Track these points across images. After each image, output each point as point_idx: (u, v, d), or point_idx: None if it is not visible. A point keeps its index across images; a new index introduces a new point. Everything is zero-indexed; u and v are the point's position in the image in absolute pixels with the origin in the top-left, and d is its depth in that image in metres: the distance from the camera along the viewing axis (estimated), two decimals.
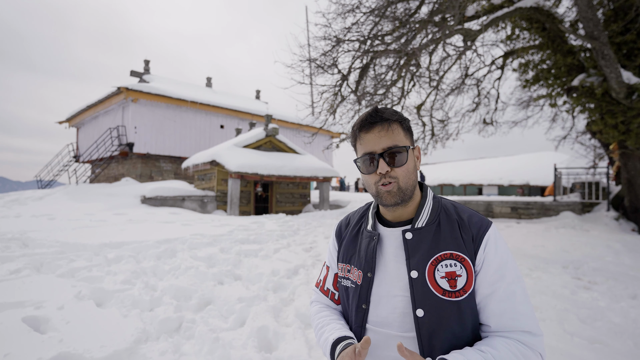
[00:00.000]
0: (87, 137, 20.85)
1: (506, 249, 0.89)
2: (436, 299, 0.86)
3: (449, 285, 0.86)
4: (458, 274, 0.87)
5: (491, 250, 0.88)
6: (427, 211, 0.96)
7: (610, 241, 6.35)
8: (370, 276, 0.96)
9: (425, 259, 0.89)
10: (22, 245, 5.03)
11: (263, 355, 2.50)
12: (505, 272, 0.86)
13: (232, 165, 12.22)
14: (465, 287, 0.86)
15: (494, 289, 0.85)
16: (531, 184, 21.29)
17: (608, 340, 2.91)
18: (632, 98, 6.42)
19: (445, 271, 0.87)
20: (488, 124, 10.15)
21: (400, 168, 0.91)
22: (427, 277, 0.88)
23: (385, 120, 0.92)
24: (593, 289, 4.17)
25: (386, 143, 0.91)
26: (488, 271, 0.86)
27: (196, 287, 3.70)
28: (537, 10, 6.75)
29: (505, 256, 0.88)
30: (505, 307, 0.84)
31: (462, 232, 0.91)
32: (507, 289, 0.85)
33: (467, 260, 0.87)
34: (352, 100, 7.96)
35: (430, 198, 1.00)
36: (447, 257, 0.88)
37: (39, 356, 2.18)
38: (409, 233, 0.93)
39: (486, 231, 0.89)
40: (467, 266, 0.87)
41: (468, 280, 0.86)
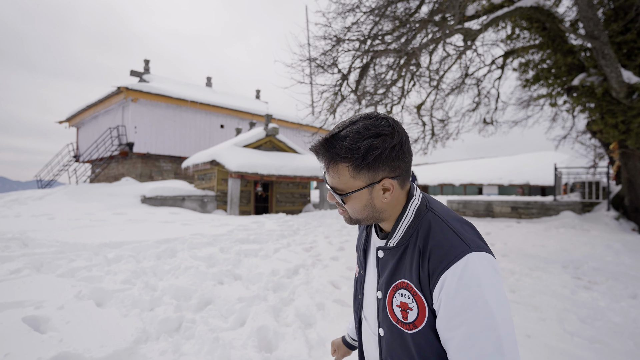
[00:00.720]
0: (87, 137, 20.85)
1: (481, 291, 0.70)
2: (392, 324, 0.84)
3: (401, 316, 0.81)
4: (410, 307, 0.80)
5: (450, 292, 0.72)
6: (402, 230, 0.85)
7: (610, 241, 6.35)
8: (362, 273, 1.01)
9: (388, 283, 0.86)
10: (22, 245, 5.03)
11: (263, 355, 2.50)
12: (466, 319, 0.69)
13: (232, 165, 12.22)
14: (415, 322, 0.79)
15: (452, 336, 0.72)
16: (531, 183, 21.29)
17: (608, 340, 2.91)
18: (632, 97, 6.42)
19: (400, 300, 0.82)
20: (488, 123, 10.15)
21: (347, 204, 0.84)
22: (387, 301, 0.86)
23: (329, 158, 0.81)
24: (593, 288, 4.17)
25: (331, 180, 0.83)
26: (444, 316, 0.73)
27: (196, 287, 3.69)
28: (537, 10, 6.75)
29: (473, 300, 0.69)
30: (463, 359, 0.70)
31: (422, 265, 0.78)
32: (466, 339, 0.69)
33: (419, 295, 0.78)
34: (352, 100, 7.96)
35: (411, 214, 0.85)
36: (403, 287, 0.82)
37: (39, 356, 2.18)
38: (381, 251, 0.90)
39: (446, 268, 0.73)
40: (418, 301, 0.78)
41: (419, 317, 0.78)
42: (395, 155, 0.79)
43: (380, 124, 0.79)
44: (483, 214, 10.55)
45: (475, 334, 0.69)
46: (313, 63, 7.28)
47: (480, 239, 0.79)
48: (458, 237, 0.76)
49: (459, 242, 0.75)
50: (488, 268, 0.72)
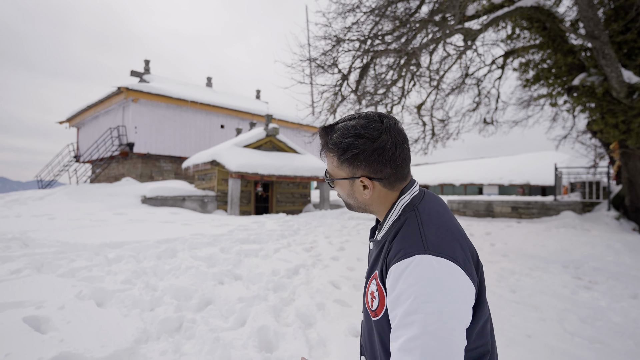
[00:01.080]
0: (88, 137, 20.87)
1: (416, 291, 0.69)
2: (366, 311, 0.92)
3: (370, 303, 0.87)
4: (374, 295, 0.85)
5: (392, 284, 0.75)
6: (387, 225, 0.89)
7: (610, 241, 6.35)
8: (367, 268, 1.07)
9: (369, 273, 0.93)
10: (23, 245, 5.04)
11: (263, 355, 2.50)
12: (397, 314, 0.71)
13: (233, 165, 12.22)
14: (376, 311, 0.84)
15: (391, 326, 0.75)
16: (532, 183, 21.28)
17: (608, 340, 2.91)
18: (632, 97, 6.41)
19: (371, 289, 0.88)
20: (488, 123, 10.14)
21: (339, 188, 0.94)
22: (366, 289, 0.93)
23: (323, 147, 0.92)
24: (593, 288, 4.16)
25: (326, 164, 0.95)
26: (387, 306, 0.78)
27: (196, 287, 3.70)
28: (538, 10, 6.75)
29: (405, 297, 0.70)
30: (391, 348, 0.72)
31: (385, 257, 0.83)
32: (394, 331, 0.72)
33: (380, 286, 0.83)
34: (353, 100, 7.96)
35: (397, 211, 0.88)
36: (374, 277, 0.87)
37: (39, 356, 2.18)
38: (371, 244, 0.98)
39: (394, 263, 0.76)
40: (379, 291, 0.83)
41: (379, 305, 0.83)
42: (375, 159, 0.84)
43: (369, 126, 0.84)
44: (483, 214, 10.54)
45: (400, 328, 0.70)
46: (313, 63, 7.28)
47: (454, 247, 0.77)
48: (420, 238, 0.77)
49: (417, 243, 0.76)
50: (435, 271, 0.71)
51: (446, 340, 0.67)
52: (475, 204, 10.76)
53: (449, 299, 0.70)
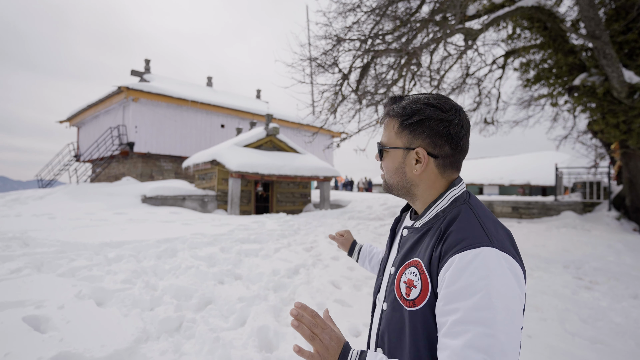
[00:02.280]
0: (88, 137, 20.87)
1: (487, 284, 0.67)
2: (395, 299, 0.85)
3: (405, 292, 0.82)
4: (414, 284, 0.80)
5: (454, 274, 0.70)
6: (433, 214, 0.86)
7: (611, 241, 6.34)
8: (386, 254, 1.03)
9: (402, 260, 0.88)
10: (23, 244, 5.03)
11: (264, 354, 2.49)
12: (462, 307, 0.67)
13: (233, 165, 12.22)
14: (415, 301, 0.79)
15: (445, 320, 0.70)
16: (532, 183, 21.27)
17: (609, 340, 2.91)
18: (633, 97, 6.40)
19: (408, 277, 0.83)
20: (489, 123, 10.13)
21: (383, 163, 0.93)
22: (397, 276, 0.87)
23: (387, 114, 0.91)
24: (594, 288, 4.16)
25: (381, 138, 0.93)
26: (442, 298, 0.72)
27: (197, 287, 3.69)
28: (539, 10, 6.73)
29: (474, 290, 0.67)
30: (449, 345, 0.67)
31: (437, 245, 0.79)
32: (456, 326, 0.67)
33: (425, 275, 0.78)
34: (353, 100, 7.95)
35: (446, 201, 0.85)
36: (413, 265, 0.83)
37: (39, 355, 2.18)
38: (406, 230, 0.94)
39: (458, 252, 0.72)
40: (423, 280, 0.78)
41: (420, 295, 0.78)
42: (440, 131, 0.82)
43: (443, 99, 0.85)
44: None
45: (468, 324, 0.66)
46: (314, 63, 7.27)
47: (512, 245, 0.77)
48: (484, 231, 0.75)
49: (481, 234, 0.74)
50: (505, 268, 0.69)
51: (516, 340, 0.66)
52: None
53: (517, 297, 0.69)
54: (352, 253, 1.44)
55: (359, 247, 1.44)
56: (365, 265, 1.41)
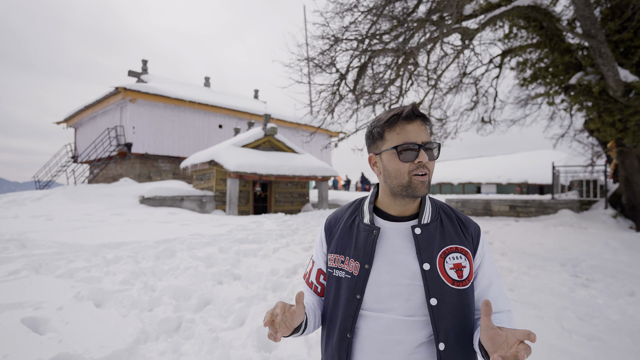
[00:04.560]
0: (85, 138, 20.80)
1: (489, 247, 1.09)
2: (447, 288, 0.96)
3: (457, 276, 0.97)
4: (463, 265, 0.99)
5: (486, 248, 1.06)
6: (429, 209, 1.06)
7: (608, 239, 6.38)
8: (367, 268, 1.00)
9: (435, 252, 0.99)
10: (21, 246, 5.02)
11: (262, 354, 2.50)
12: (494, 268, 1.05)
13: (231, 165, 12.21)
14: (468, 277, 0.98)
15: (491, 281, 1.02)
16: (529, 182, 21.33)
17: (606, 337, 2.93)
18: (629, 96, 6.44)
19: (453, 263, 0.98)
20: (486, 122, 10.16)
21: (432, 162, 1.01)
22: (438, 268, 0.97)
23: (424, 118, 1.01)
24: (591, 286, 4.18)
25: (426, 137, 1.00)
26: (485, 266, 1.03)
27: (195, 287, 3.70)
28: (535, 9, 6.76)
29: (491, 255, 1.07)
30: (498, 294, 1.02)
31: (464, 231, 1.05)
32: (497, 281, 1.04)
33: (469, 254, 1.00)
34: (350, 100, 7.96)
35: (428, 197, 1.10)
36: (453, 251, 1.00)
37: (38, 357, 2.18)
38: (418, 229, 1.01)
39: (481, 232, 1.07)
40: (469, 259, 1.00)
41: (470, 272, 0.99)
42: None
43: None
44: (481, 212, 10.57)
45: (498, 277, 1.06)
46: (311, 63, 7.28)
47: None
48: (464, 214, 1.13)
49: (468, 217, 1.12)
50: None
51: None
52: (473, 203, 10.79)
53: None
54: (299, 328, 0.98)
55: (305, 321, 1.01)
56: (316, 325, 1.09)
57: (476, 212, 10.65)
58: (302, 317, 0.92)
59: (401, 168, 0.98)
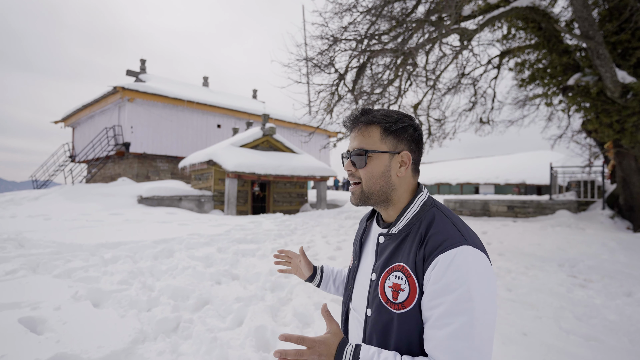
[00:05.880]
0: (83, 137, 20.74)
1: (466, 279, 0.76)
2: (380, 304, 0.88)
3: (392, 296, 0.86)
4: (402, 287, 0.85)
5: (439, 273, 0.78)
6: (407, 219, 0.92)
7: (605, 239, 6.40)
8: (356, 264, 1.06)
9: (384, 265, 0.91)
10: (18, 245, 5.00)
11: (261, 354, 2.50)
12: (446, 301, 0.76)
13: (229, 165, 12.19)
14: (404, 303, 0.84)
15: (430, 314, 0.79)
16: (527, 182, 21.40)
17: (603, 337, 2.94)
18: (626, 97, 6.46)
19: (392, 282, 0.87)
20: (484, 123, 10.19)
21: (362, 170, 0.93)
22: (379, 282, 0.90)
23: (363, 122, 0.94)
24: (589, 286, 4.20)
25: (355, 144, 0.94)
26: (428, 294, 0.80)
27: (193, 287, 3.69)
28: (533, 10, 6.78)
29: (457, 285, 0.75)
30: (434, 335, 0.77)
31: (419, 249, 0.84)
32: (441, 319, 0.76)
33: (412, 277, 0.83)
34: (349, 100, 7.96)
35: (418, 205, 0.93)
36: (398, 269, 0.87)
37: (35, 357, 2.17)
38: (382, 237, 0.96)
39: (440, 252, 0.79)
40: (411, 282, 0.84)
41: (409, 297, 0.83)
42: (415, 138, 0.95)
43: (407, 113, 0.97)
44: (479, 213, 10.59)
45: (451, 315, 0.75)
46: (310, 63, 7.28)
47: (479, 241, 0.85)
48: (458, 231, 0.84)
49: (457, 235, 0.82)
50: (480, 263, 0.79)
51: (492, 327, 0.76)
52: (471, 203, 10.81)
53: (493, 290, 0.78)
54: (313, 277, 1.29)
55: (321, 269, 1.30)
56: (329, 288, 1.29)
57: (474, 213, 10.67)
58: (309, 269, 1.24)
59: None
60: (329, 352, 0.81)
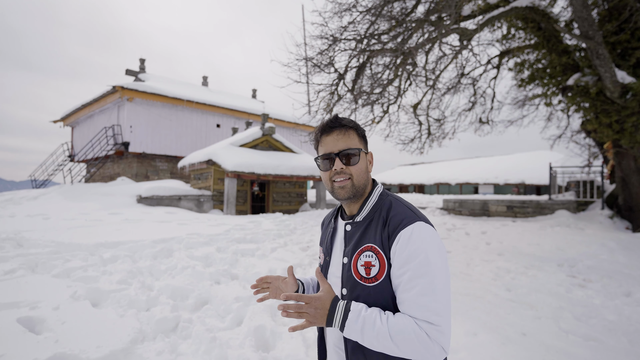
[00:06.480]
0: (82, 137, 20.71)
1: (424, 247, 0.94)
2: (355, 282, 1.03)
3: (365, 273, 1.02)
4: (372, 264, 1.01)
5: (402, 246, 0.95)
6: (368, 208, 1.09)
7: (604, 239, 6.41)
8: (327, 259, 1.18)
9: (354, 248, 1.06)
10: (17, 245, 4.99)
11: (260, 354, 2.50)
12: (411, 267, 0.93)
13: (229, 165, 12.19)
14: (376, 276, 1.00)
15: (400, 281, 0.95)
16: (527, 182, 21.41)
17: (602, 337, 2.94)
18: (626, 97, 6.47)
19: (364, 260, 1.02)
20: (484, 123, 10.19)
21: (354, 167, 1.07)
22: (352, 263, 1.05)
23: (342, 127, 1.09)
24: (588, 286, 4.20)
25: (342, 146, 1.08)
26: (396, 265, 0.96)
27: (193, 287, 3.68)
28: (533, 10, 6.78)
29: (417, 253, 0.93)
30: (406, 297, 0.93)
31: (383, 230, 1.02)
32: (409, 282, 0.93)
33: (380, 254, 1.00)
34: (349, 99, 7.96)
35: (376, 195, 1.11)
36: (367, 249, 1.03)
37: (34, 357, 2.17)
38: (349, 226, 1.11)
39: (401, 229, 0.97)
40: (380, 258, 1.00)
41: (380, 271, 0.99)
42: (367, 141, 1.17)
43: None
44: (479, 213, 10.60)
45: (416, 278, 0.92)
46: (309, 62, 7.27)
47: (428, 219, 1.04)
48: (411, 211, 1.03)
49: (412, 214, 1.02)
50: (432, 234, 0.98)
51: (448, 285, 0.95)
52: (470, 203, 10.82)
53: (444, 255, 0.98)
54: None
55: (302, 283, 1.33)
56: None
57: (474, 213, 10.68)
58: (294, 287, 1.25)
59: (324, 177, 1.12)
60: (324, 306, 0.94)
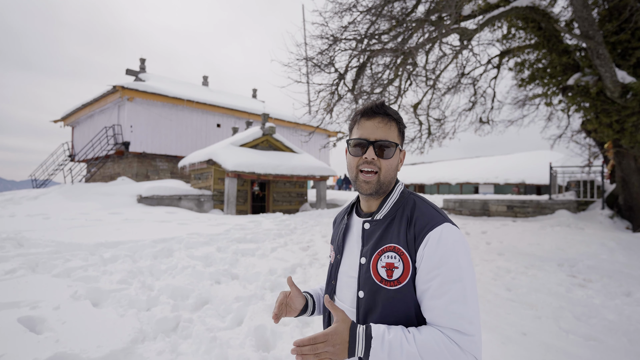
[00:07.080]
0: (83, 136, 20.71)
1: (455, 251, 0.88)
2: (374, 284, 0.96)
3: (386, 275, 0.94)
4: (395, 265, 0.93)
5: (431, 249, 0.89)
6: (389, 205, 1.02)
7: (604, 239, 6.40)
8: (338, 258, 1.11)
9: (373, 248, 0.98)
10: (17, 245, 4.99)
11: (261, 354, 2.50)
12: (441, 272, 0.87)
13: (229, 164, 12.19)
14: (399, 279, 0.92)
15: (428, 286, 0.88)
16: (527, 182, 21.40)
17: (603, 337, 2.94)
18: (626, 97, 6.46)
19: (385, 262, 0.95)
20: (484, 122, 10.18)
21: (385, 160, 0.99)
22: (371, 264, 0.97)
23: (387, 115, 1.01)
24: (588, 286, 4.20)
25: (380, 135, 0.99)
26: (424, 269, 0.89)
27: (193, 287, 3.69)
28: (533, 10, 6.78)
29: (447, 257, 0.87)
30: (435, 305, 0.86)
31: (408, 230, 0.95)
32: (439, 288, 0.86)
33: (405, 255, 0.93)
34: (349, 99, 7.96)
35: (397, 193, 1.04)
36: (389, 250, 0.95)
37: (34, 357, 2.17)
38: (367, 224, 1.04)
39: (429, 230, 0.91)
40: (404, 260, 0.93)
41: (403, 273, 0.92)
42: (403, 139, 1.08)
43: None
44: (479, 212, 10.60)
45: (447, 284, 0.86)
46: (310, 62, 7.27)
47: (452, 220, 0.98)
48: (437, 212, 0.97)
49: (438, 215, 0.95)
50: (460, 237, 0.92)
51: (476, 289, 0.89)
52: (471, 203, 10.81)
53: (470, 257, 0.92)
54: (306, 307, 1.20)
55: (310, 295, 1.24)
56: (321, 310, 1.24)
57: (474, 212, 10.68)
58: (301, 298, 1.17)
59: (351, 162, 1.03)
60: (343, 340, 0.85)
